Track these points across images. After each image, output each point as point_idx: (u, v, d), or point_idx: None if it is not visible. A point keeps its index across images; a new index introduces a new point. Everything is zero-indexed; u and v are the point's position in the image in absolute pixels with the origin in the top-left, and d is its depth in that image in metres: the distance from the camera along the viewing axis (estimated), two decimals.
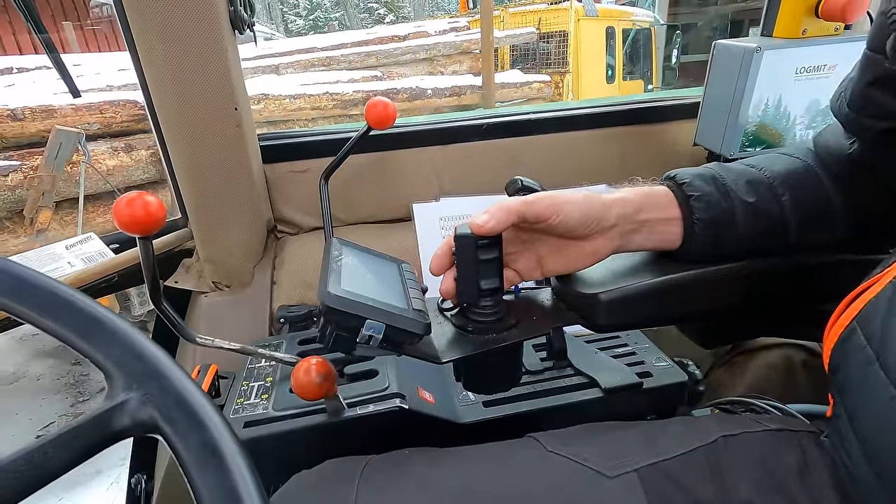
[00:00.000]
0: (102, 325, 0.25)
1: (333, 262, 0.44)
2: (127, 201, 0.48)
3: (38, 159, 2.37)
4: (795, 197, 0.45)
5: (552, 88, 5.04)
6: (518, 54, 5.46)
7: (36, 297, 0.25)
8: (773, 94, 0.75)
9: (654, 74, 6.32)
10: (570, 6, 5.01)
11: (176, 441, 0.23)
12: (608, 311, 0.46)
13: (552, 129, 0.86)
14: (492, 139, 0.84)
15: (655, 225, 0.45)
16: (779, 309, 0.51)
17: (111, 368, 0.24)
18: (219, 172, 0.70)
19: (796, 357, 0.77)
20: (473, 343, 0.46)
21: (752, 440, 0.40)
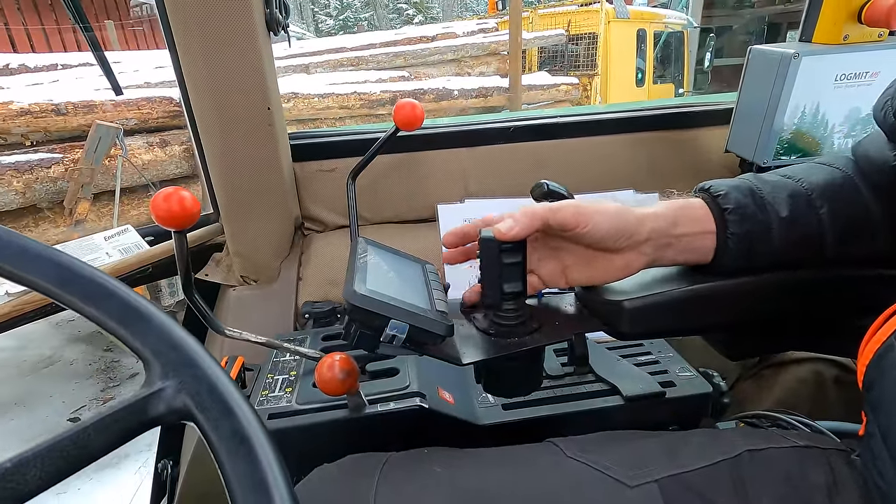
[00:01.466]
0: (142, 315, 0.27)
1: (359, 261, 0.45)
2: (164, 196, 0.50)
3: (79, 152, 2.47)
4: (834, 209, 0.44)
5: (580, 91, 4.99)
6: (546, 56, 5.42)
7: (82, 287, 0.27)
8: (811, 102, 0.73)
9: (685, 78, 6.19)
10: (601, 8, 4.95)
11: (208, 428, 0.24)
12: (632, 319, 0.45)
13: (579, 133, 0.85)
14: (518, 142, 0.84)
15: (690, 239, 0.44)
16: (811, 322, 0.50)
17: (149, 356, 0.26)
18: (251, 170, 0.72)
19: (827, 372, 0.75)
20: (495, 346, 0.46)
21: (778, 456, 0.39)
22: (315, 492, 0.39)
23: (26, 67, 3.30)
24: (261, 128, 0.70)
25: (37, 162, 2.37)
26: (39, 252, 0.26)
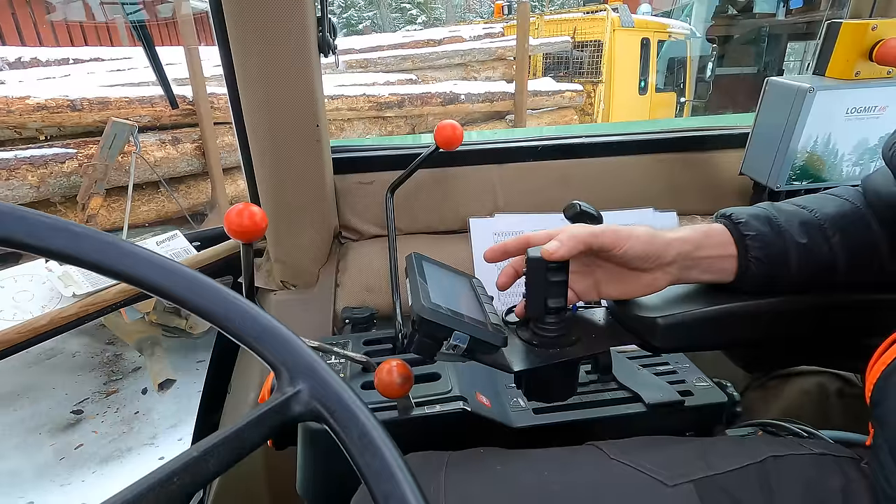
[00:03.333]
0: (272, 331, 0.31)
1: (419, 276, 0.49)
2: (237, 212, 0.55)
3: (93, 148, 2.50)
4: (844, 239, 0.49)
5: (584, 98, 5.05)
6: (551, 62, 5.48)
7: (220, 306, 0.31)
8: (823, 132, 0.78)
9: (687, 87, 6.27)
10: (607, 17, 5.01)
11: (339, 429, 0.28)
12: (665, 334, 0.50)
13: (602, 154, 0.90)
14: (544, 160, 0.89)
15: (712, 261, 0.49)
16: (822, 340, 0.55)
17: (279, 366, 0.30)
18: (296, 183, 0.77)
19: (831, 385, 0.80)
20: (540, 356, 0.51)
21: (798, 462, 0.44)
22: (466, 487, 0.43)
23: (38, 61, 3.32)
24: (309, 143, 0.74)
25: (51, 157, 2.40)
26: (198, 280, 0.31)
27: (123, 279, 0.30)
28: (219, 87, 2.96)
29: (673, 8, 9.83)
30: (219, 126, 2.88)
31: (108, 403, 3.04)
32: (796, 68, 9.12)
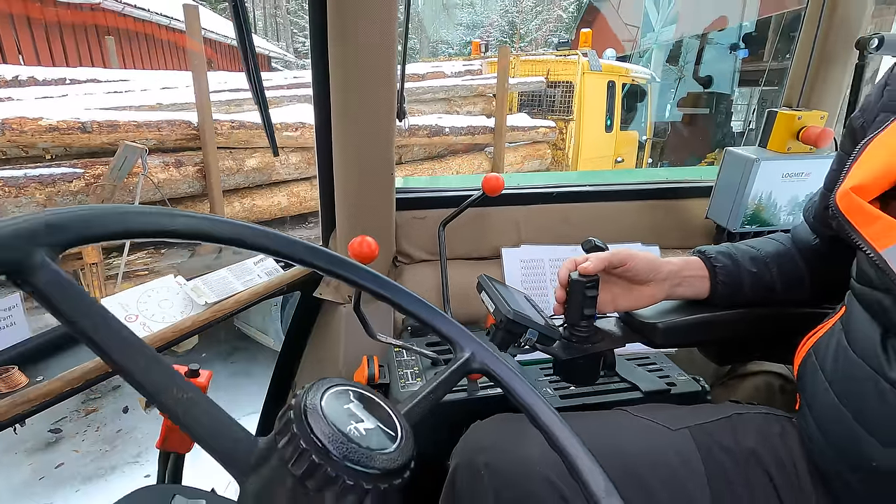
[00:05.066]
0: (443, 317, 0.51)
1: (497, 290, 0.70)
2: (359, 242, 0.75)
3: (99, 168, 2.59)
4: (780, 270, 0.73)
5: (556, 133, 5.44)
6: (526, 99, 5.87)
7: (416, 303, 0.51)
8: (766, 190, 1.05)
9: (648, 126, 6.81)
10: (578, 60, 5.45)
11: (503, 381, 0.47)
12: (664, 334, 0.73)
13: (600, 199, 1.15)
14: (556, 203, 1.13)
15: (693, 280, 0.72)
16: (767, 339, 0.78)
17: (453, 337, 0.50)
18: (369, 216, 0.97)
19: (775, 382, 1.05)
20: (577, 349, 0.72)
21: (753, 417, 0.66)
22: (489, 430, 0.64)
23: (35, 80, 3.38)
24: (383, 187, 0.95)
25: (59, 175, 2.48)
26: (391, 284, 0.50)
27: (335, 276, 0.47)
28: (224, 115, 3.11)
29: (632, 53, 10.61)
30: (220, 151, 3.02)
31: (87, 422, 3.03)
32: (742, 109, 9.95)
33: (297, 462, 0.27)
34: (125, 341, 0.28)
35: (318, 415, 0.29)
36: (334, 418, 0.29)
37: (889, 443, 0.48)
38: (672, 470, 0.60)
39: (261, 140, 3.26)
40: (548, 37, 18.79)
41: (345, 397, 0.32)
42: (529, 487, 0.57)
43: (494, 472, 0.59)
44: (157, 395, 0.28)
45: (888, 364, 0.49)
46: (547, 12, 21.47)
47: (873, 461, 0.49)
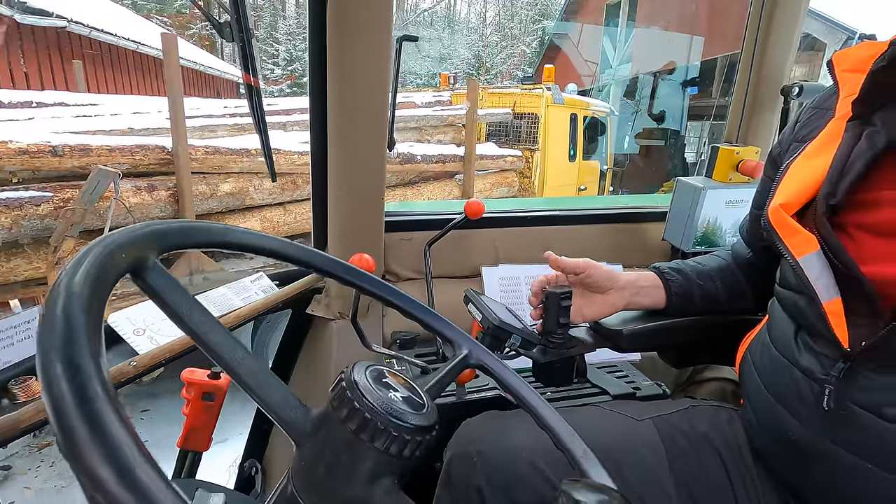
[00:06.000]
0: (445, 322, 0.59)
1: (483, 302, 0.79)
2: (359, 259, 0.82)
3: (69, 192, 2.56)
4: (724, 282, 0.85)
5: (523, 162, 5.67)
6: (493, 129, 6.11)
7: (423, 311, 0.59)
8: (713, 214, 1.19)
9: (608, 157, 7.18)
10: (542, 94, 5.75)
11: (496, 372, 0.55)
12: (628, 340, 0.83)
13: (569, 223, 1.27)
14: (530, 227, 1.24)
15: (650, 290, 0.83)
16: (717, 343, 0.90)
17: (454, 339, 0.58)
18: (359, 237, 1.05)
19: (727, 387, 1.16)
20: (554, 354, 0.81)
21: (705, 408, 0.77)
22: (479, 425, 0.71)
23: (1, 103, 3.31)
24: (374, 211, 1.03)
25: (27, 199, 2.44)
26: (402, 295, 0.58)
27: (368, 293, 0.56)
28: (198, 140, 3.13)
29: (592, 87, 11.19)
30: (194, 175, 3.03)
31: (40, 458, 2.89)
32: (695, 141, 10.59)
33: (352, 419, 0.34)
34: (217, 330, 0.35)
35: (365, 385, 0.36)
36: (377, 388, 0.37)
37: (802, 419, 0.59)
38: (640, 455, 0.69)
39: (235, 165, 3.29)
40: (512, 70, 19.55)
41: (380, 374, 0.40)
42: (517, 471, 0.65)
43: (486, 460, 0.67)
44: (238, 371, 0.35)
45: (799, 354, 0.60)
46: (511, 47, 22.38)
47: (791, 434, 0.60)
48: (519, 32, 23.98)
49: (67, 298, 0.24)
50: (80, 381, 0.19)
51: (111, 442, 0.18)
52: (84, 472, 0.18)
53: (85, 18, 5.28)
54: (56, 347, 0.20)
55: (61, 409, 0.18)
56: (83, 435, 0.18)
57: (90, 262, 0.27)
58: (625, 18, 10.55)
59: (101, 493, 0.17)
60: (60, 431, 0.18)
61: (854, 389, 0.54)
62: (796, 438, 0.60)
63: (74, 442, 0.18)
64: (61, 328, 0.21)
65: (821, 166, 0.60)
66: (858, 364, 0.54)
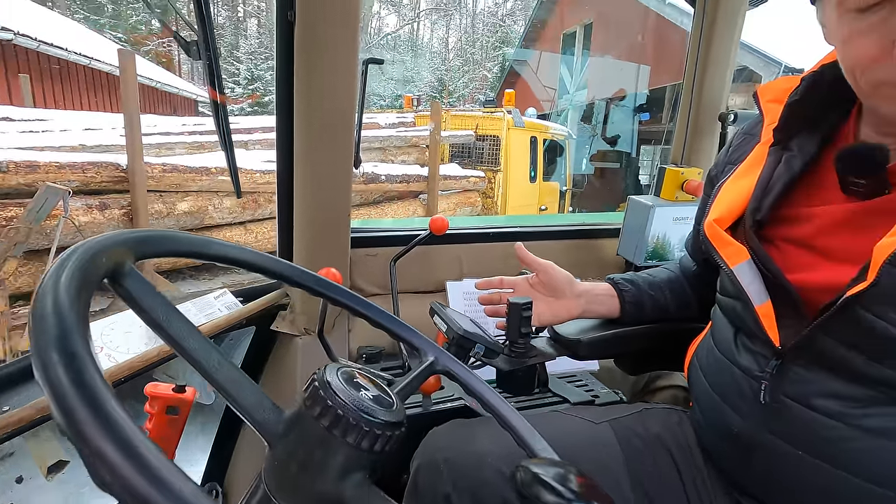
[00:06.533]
0: (413, 331, 0.61)
1: (448, 314, 0.82)
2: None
3: (13, 210, 2.43)
4: (672, 293, 0.91)
5: (486, 183, 5.79)
6: (456, 150, 6.23)
7: (393, 323, 0.61)
8: (662, 230, 1.27)
9: (567, 177, 7.44)
10: (503, 117, 5.93)
11: (460, 376, 0.58)
12: (586, 348, 0.87)
13: (531, 238, 1.32)
14: (493, 242, 1.28)
15: (605, 299, 0.88)
16: (668, 350, 0.95)
17: (422, 347, 0.60)
18: (325, 253, 1.06)
19: (679, 394, 1.23)
20: (516, 362, 0.85)
21: (658, 411, 0.81)
22: (445, 433, 0.73)
23: None
24: (339, 228, 1.04)
25: None
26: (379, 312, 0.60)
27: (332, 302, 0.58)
28: (155, 158, 3.05)
29: (551, 112, 11.61)
30: (150, 194, 2.95)
31: None
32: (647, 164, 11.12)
33: (325, 416, 0.36)
34: (195, 335, 0.36)
35: (337, 384, 0.38)
36: (348, 387, 0.39)
37: (743, 414, 0.64)
38: (598, 456, 0.72)
39: (194, 184, 3.22)
40: (475, 94, 20.03)
41: (351, 375, 0.42)
42: (483, 477, 0.67)
43: (452, 466, 0.68)
44: (214, 376, 0.36)
45: (738, 354, 0.66)
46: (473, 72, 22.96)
47: (735, 429, 0.65)
48: (480, 58, 24.69)
49: (55, 297, 0.25)
50: (76, 368, 0.20)
51: (110, 419, 0.19)
52: (87, 448, 0.19)
53: (33, 32, 5.09)
54: (51, 338, 0.22)
55: (60, 393, 0.20)
56: (84, 415, 0.19)
57: (73, 265, 0.29)
58: (580, 47, 11.07)
59: (106, 465, 0.19)
60: (62, 414, 0.19)
61: (786, 384, 0.59)
62: (739, 433, 0.64)
63: (75, 421, 0.19)
64: (53, 322, 0.23)
65: (748, 186, 0.67)
66: (789, 361, 0.60)
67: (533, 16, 13.01)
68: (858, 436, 0.54)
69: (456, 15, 28.71)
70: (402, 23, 28.02)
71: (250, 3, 22.27)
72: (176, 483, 0.20)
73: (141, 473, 0.19)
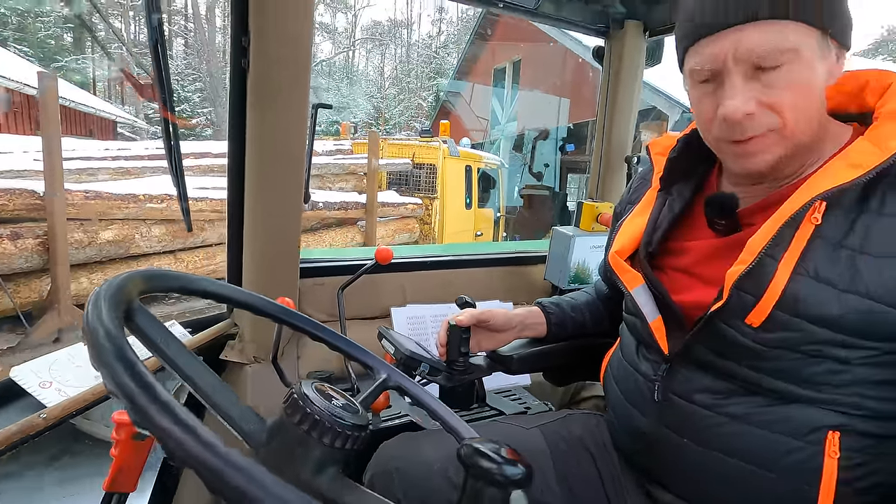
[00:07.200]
0: (367, 352, 0.69)
1: (395, 337, 0.91)
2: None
3: None
4: (590, 313, 1.05)
5: (423, 210, 5.94)
6: (394, 178, 6.36)
7: (347, 344, 0.68)
8: (582, 258, 1.44)
9: (501, 204, 7.78)
10: (439, 146, 6.15)
11: (409, 390, 0.67)
12: (518, 364, 0.99)
13: (468, 266, 1.44)
14: (433, 270, 1.39)
15: (536, 325, 1.01)
16: (586, 362, 1.09)
17: (376, 366, 0.68)
18: (274, 283, 1.11)
19: (599, 403, 1.38)
20: (458, 378, 0.94)
21: (580, 416, 0.94)
22: (395, 445, 0.81)
23: None
24: (289, 260, 1.11)
25: None
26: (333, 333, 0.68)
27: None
28: (75, 184, 2.90)
29: (485, 141, 12.12)
30: (70, 222, 2.79)
31: None
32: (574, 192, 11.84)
33: (304, 422, 0.44)
34: (190, 359, 0.43)
35: (313, 395, 0.46)
36: (322, 398, 0.47)
37: (644, 412, 0.77)
38: (529, 456, 0.82)
39: (119, 211, 3.08)
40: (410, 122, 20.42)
41: (323, 388, 0.50)
42: (431, 483, 0.75)
43: (403, 475, 0.76)
44: (208, 392, 0.43)
45: (639, 362, 0.80)
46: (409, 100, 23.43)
47: (639, 426, 0.78)
48: (416, 87, 25.33)
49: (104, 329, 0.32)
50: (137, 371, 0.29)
51: (161, 399, 0.28)
52: (149, 423, 0.27)
53: None
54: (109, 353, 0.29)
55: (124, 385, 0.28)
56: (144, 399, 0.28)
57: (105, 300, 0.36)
58: (510, 82, 11.74)
59: (159, 430, 0.27)
60: (128, 402, 0.28)
61: (673, 384, 0.74)
62: (642, 429, 0.78)
63: (140, 406, 0.28)
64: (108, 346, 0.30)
65: (641, 224, 0.82)
66: (675, 365, 0.74)
67: (465, 50, 13.65)
68: (726, 422, 0.68)
69: (391, 45, 29.35)
70: (338, 50, 28.21)
71: (176, 22, 21.52)
72: (221, 448, 0.28)
73: (199, 444, 0.28)
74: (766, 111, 0.62)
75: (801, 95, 0.61)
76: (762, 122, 0.62)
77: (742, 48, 0.60)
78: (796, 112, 0.61)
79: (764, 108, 0.61)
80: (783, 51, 0.59)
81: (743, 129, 0.63)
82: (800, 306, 0.61)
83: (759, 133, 0.63)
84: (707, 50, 0.63)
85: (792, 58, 0.59)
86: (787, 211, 0.62)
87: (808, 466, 0.64)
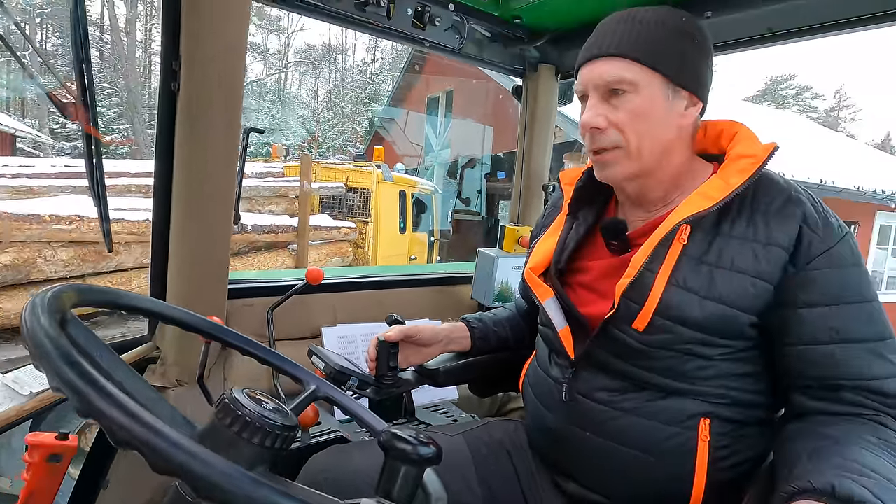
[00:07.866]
0: (297, 366, 0.72)
1: (325, 353, 0.94)
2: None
3: None
4: (511, 327, 1.14)
5: (357, 233, 5.93)
6: (327, 201, 6.30)
7: (273, 358, 0.71)
8: (505, 277, 1.54)
9: (435, 228, 7.93)
10: (373, 171, 6.20)
11: (336, 399, 0.70)
12: (444, 376, 1.05)
13: (399, 286, 1.50)
14: (365, 290, 1.43)
15: (461, 339, 1.08)
16: (508, 373, 1.17)
17: (305, 379, 0.71)
18: (201, 304, 1.10)
19: (523, 414, 1.46)
20: (387, 392, 0.99)
21: (500, 423, 1.01)
22: (325, 457, 0.83)
23: None
24: (216, 281, 1.11)
25: None
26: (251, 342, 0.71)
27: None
28: None
29: (419, 167, 12.33)
30: None
31: None
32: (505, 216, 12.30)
33: (235, 424, 0.47)
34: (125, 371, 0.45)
35: (244, 400, 0.50)
36: (252, 402, 0.50)
37: (553, 412, 0.86)
38: (453, 461, 0.89)
39: (19, 232, 2.83)
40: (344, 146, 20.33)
41: (253, 394, 0.53)
42: (360, 490, 0.79)
43: (332, 483, 0.79)
44: (141, 401, 0.45)
45: (551, 367, 0.89)
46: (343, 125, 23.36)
47: (550, 425, 0.86)
48: (350, 112, 25.35)
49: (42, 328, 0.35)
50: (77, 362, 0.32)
51: (104, 388, 0.31)
52: (93, 410, 0.31)
53: None
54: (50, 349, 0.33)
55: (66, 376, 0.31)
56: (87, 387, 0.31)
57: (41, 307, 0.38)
58: (443, 111, 12.10)
59: (106, 419, 0.30)
60: (72, 392, 0.31)
61: (578, 384, 0.83)
62: (553, 428, 0.86)
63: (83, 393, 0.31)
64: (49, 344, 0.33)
65: (552, 244, 0.93)
66: (580, 368, 0.84)
67: (400, 79, 13.94)
68: (620, 415, 0.78)
69: (325, 69, 29.28)
70: (269, 72, 27.69)
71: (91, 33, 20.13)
72: (164, 428, 0.32)
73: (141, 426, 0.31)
74: (613, 129, 0.76)
75: (641, 121, 0.76)
76: (610, 138, 0.77)
77: (596, 74, 0.77)
78: (638, 136, 0.76)
79: (612, 126, 0.76)
80: (623, 81, 0.75)
81: (596, 140, 0.78)
82: (672, 311, 0.73)
83: (608, 146, 0.78)
84: (582, 76, 0.80)
85: (631, 89, 0.75)
86: (660, 232, 0.75)
87: (684, 449, 0.75)
